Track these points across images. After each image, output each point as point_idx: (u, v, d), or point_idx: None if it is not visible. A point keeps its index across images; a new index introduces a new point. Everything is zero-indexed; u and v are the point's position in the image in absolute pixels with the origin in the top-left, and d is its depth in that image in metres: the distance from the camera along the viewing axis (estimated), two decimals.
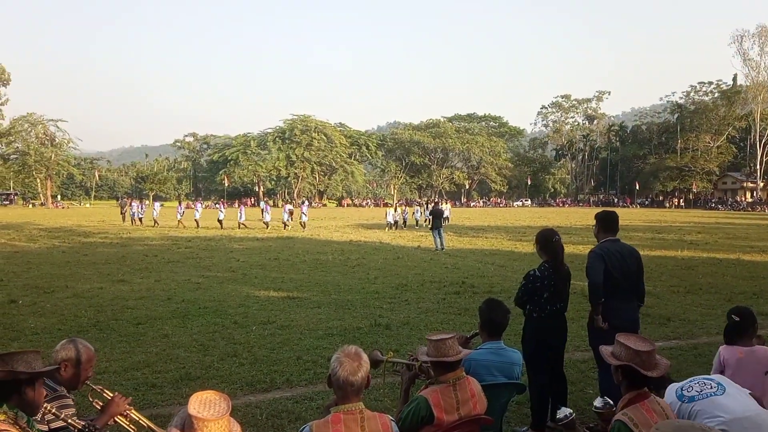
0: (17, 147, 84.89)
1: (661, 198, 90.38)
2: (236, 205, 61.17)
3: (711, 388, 3.23)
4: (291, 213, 37.28)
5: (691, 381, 3.39)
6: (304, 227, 30.77)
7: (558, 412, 3.98)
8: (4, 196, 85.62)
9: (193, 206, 41.16)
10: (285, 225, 31.55)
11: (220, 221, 32.69)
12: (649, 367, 2.77)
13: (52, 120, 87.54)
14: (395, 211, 34.24)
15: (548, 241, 4.70)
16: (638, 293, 4.87)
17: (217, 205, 43.21)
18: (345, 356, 2.60)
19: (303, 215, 31.96)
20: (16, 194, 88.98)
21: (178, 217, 34.54)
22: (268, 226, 31.04)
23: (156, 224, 34.04)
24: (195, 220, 32.83)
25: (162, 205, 43.74)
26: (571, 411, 4.86)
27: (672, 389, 3.39)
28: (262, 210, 44.04)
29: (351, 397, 2.58)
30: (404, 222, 34.53)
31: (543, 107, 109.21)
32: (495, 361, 3.81)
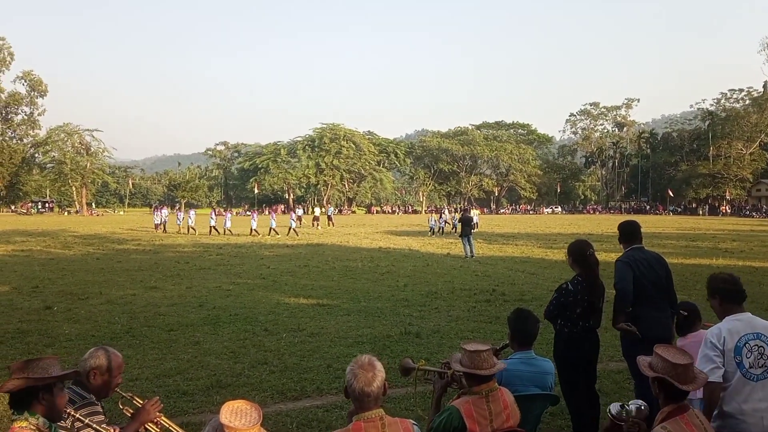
0: (54, 156, 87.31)
1: (694, 205, 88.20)
2: (266, 212, 61.99)
3: None
4: (300, 218, 38.72)
5: (759, 337, 3.23)
6: (296, 233, 31.39)
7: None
8: (40, 204, 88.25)
9: (223, 214, 41.81)
10: (271, 231, 32.01)
11: (213, 227, 33.38)
12: (685, 381, 2.69)
13: (88, 130, 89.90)
14: (440, 217, 34.61)
15: (582, 254, 4.48)
16: (670, 300, 4.71)
17: (248, 213, 43.95)
18: (359, 367, 2.57)
19: (291, 221, 32.87)
20: (52, 202, 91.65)
21: (178, 222, 35.89)
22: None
23: (164, 231, 35.08)
24: (291, 228, 32.65)
25: (172, 211, 44.46)
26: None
27: (731, 328, 3.32)
28: (299, 217, 44.97)
29: (369, 406, 2.56)
30: (453, 227, 35.07)
31: (571, 115, 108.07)
32: (527, 371, 3.72)
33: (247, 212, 60.91)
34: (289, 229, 31.88)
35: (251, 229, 32.01)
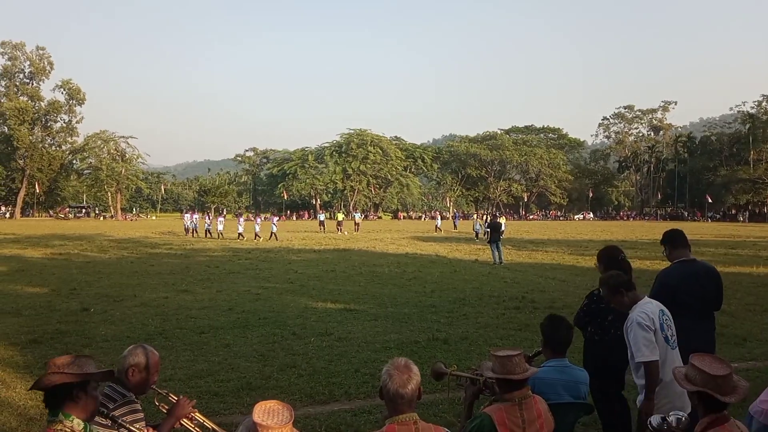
0: (90, 162, 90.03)
1: (733, 211, 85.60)
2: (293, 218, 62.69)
3: None
4: (322, 224, 40.88)
5: (663, 312, 3.74)
6: (276, 238, 31.88)
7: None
8: (77, 209, 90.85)
9: (252, 219, 42.61)
10: (255, 236, 32.58)
11: (207, 231, 35.21)
12: (726, 392, 2.58)
13: (123, 137, 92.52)
14: (485, 221, 34.94)
15: (613, 260, 4.41)
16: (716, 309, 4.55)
17: (275, 218, 44.88)
18: (395, 369, 2.57)
19: (273, 225, 33.26)
20: (89, 207, 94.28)
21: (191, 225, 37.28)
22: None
23: (194, 234, 36.32)
24: (273, 233, 32.97)
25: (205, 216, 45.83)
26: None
27: (651, 311, 3.69)
28: (321, 222, 45.06)
29: (403, 409, 2.54)
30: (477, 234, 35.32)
31: (604, 118, 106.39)
32: (560, 380, 3.64)
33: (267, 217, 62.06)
34: (274, 234, 32.48)
35: (239, 233, 33.23)
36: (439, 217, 51.59)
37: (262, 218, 39.90)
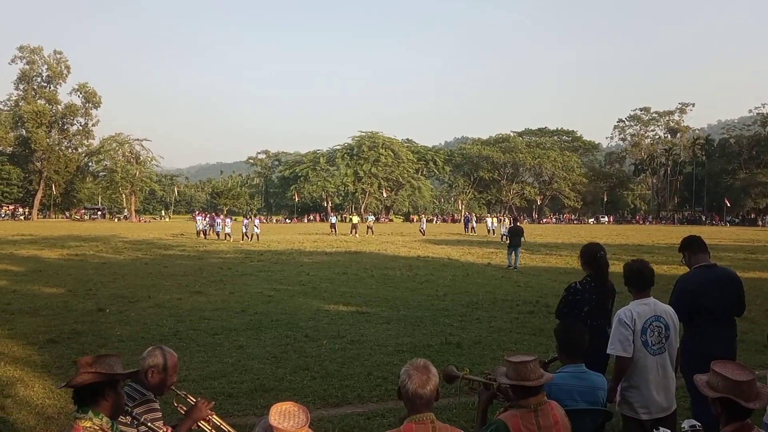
0: (106, 165, 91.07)
1: (753, 216, 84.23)
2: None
3: None
4: (333, 226, 41.11)
5: (658, 318, 3.77)
6: (257, 239, 32.37)
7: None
8: (92, 211, 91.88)
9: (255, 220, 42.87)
10: (241, 236, 33.58)
11: (205, 232, 36.21)
12: (750, 398, 2.53)
13: (138, 139, 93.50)
14: (509, 223, 35.19)
15: (592, 256, 4.63)
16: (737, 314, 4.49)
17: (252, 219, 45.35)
18: (414, 369, 2.59)
19: (255, 227, 33.47)
20: (104, 208, 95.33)
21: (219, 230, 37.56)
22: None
23: (205, 236, 36.54)
24: (255, 234, 33.37)
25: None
26: None
27: (640, 312, 3.75)
28: (333, 224, 45.06)
29: (421, 409, 2.56)
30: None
31: (620, 120, 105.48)
32: (577, 386, 3.59)
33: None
34: (255, 235, 32.78)
35: (226, 234, 33.95)
36: (423, 220, 49.84)
37: (248, 220, 40.43)
